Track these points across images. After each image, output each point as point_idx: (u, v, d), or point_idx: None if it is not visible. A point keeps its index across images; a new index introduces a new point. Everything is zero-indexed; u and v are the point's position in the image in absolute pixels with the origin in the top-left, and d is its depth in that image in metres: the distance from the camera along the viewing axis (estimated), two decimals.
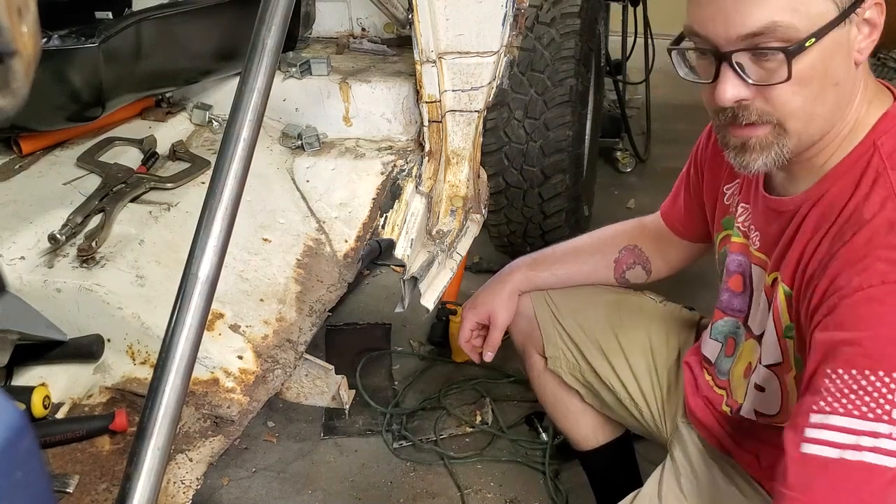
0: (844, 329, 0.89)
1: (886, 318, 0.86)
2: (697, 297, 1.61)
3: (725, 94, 0.93)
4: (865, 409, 0.85)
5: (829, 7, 0.88)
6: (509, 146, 2.46)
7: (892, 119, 0.98)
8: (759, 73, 0.92)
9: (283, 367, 1.33)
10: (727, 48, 0.92)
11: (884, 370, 0.85)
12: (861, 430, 0.85)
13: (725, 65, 0.92)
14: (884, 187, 0.93)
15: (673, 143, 3.77)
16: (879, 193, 0.93)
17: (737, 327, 1.25)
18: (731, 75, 0.92)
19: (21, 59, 0.47)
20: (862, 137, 0.98)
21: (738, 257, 1.21)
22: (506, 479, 1.99)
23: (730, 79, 0.93)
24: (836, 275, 0.91)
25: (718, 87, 0.93)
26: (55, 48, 1.32)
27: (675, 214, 1.44)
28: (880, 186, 0.93)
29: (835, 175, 0.99)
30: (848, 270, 0.90)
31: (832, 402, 0.87)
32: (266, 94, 1.04)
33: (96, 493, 1.11)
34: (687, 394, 1.36)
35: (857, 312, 0.88)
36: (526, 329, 1.55)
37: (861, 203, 0.94)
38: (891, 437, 0.84)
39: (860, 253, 0.90)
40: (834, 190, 0.98)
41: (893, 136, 0.97)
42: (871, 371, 0.85)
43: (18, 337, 1.19)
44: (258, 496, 1.95)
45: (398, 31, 2.03)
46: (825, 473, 0.87)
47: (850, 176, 0.97)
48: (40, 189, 1.52)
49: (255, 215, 1.54)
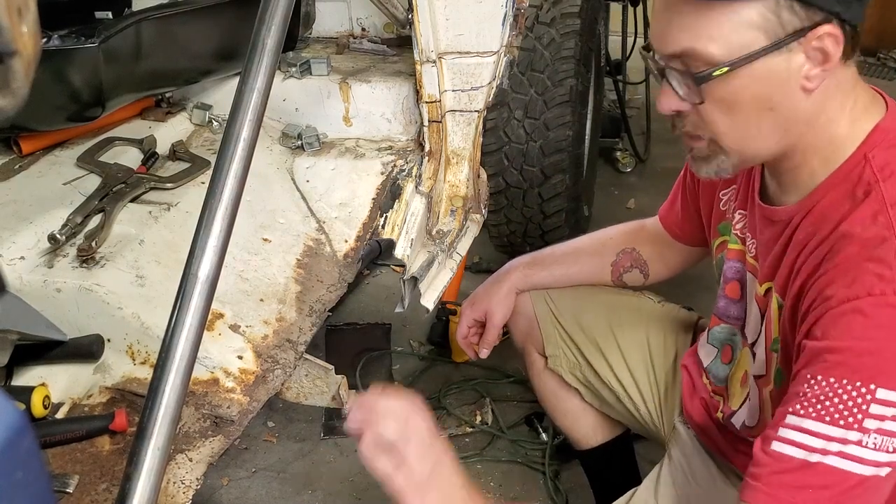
0: (828, 338, 0.91)
1: (869, 331, 0.88)
2: (695, 299, 1.61)
3: (662, 104, 0.99)
4: (838, 417, 0.88)
5: (755, 37, 0.90)
6: (509, 146, 2.46)
7: (882, 132, 0.98)
8: (685, 91, 0.97)
9: (283, 367, 1.33)
10: (661, 63, 0.97)
11: (861, 380, 0.87)
12: (831, 436, 0.88)
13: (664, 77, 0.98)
14: (875, 200, 0.94)
15: (673, 143, 3.76)
16: (871, 206, 0.94)
17: (733, 334, 1.25)
18: (668, 87, 0.98)
19: (21, 59, 0.47)
20: (853, 150, 0.99)
21: (735, 264, 1.21)
22: (506, 480, 1.99)
23: (667, 90, 0.98)
24: (825, 286, 0.93)
25: (659, 96, 1.00)
26: (55, 48, 1.32)
27: (672, 218, 1.45)
28: (872, 200, 0.94)
29: (825, 187, 1.00)
30: (837, 282, 0.92)
31: (808, 407, 0.90)
32: (266, 94, 1.04)
33: (96, 493, 1.11)
34: (684, 395, 1.36)
35: (841, 323, 0.90)
36: (526, 328, 1.55)
37: (852, 216, 0.95)
38: (859, 444, 0.87)
39: (850, 265, 0.92)
40: (825, 202, 0.99)
41: (884, 148, 0.97)
42: (849, 381, 0.88)
43: (18, 337, 1.19)
44: (258, 496, 1.95)
45: (398, 31, 2.03)
46: (791, 472, 0.90)
47: (841, 188, 0.98)
48: (40, 189, 1.52)
49: (255, 215, 1.54)
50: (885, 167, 0.96)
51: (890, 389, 0.87)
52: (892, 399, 0.87)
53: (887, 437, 0.87)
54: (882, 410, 0.87)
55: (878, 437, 0.87)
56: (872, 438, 0.87)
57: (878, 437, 0.87)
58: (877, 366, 0.87)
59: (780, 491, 0.90)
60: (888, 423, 0.87)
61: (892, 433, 0.87)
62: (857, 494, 0.88)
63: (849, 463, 0.88)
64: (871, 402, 0.87)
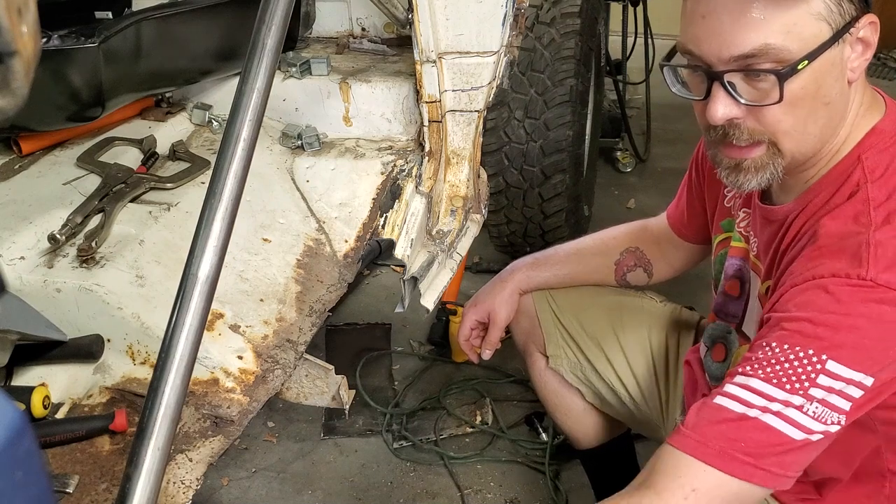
0: (787, 309, 0.93)
1: (829, 306, 0.90)
2: (697, 299, 1.61)
3: (717, 113, 0.94)
4: (786, 381, 0.90)
5: (822, 28, 0.89)
6: (509, 146, 2.46)
7: (878, 134, 0.99)
8: (750, 94, 0.94)
9: (283, 367, 1.33)
10: (720, 68, 0.93)
11: (814, 350, 0.89)
12: (774, 397, 0.90)
13: (717, 84, 0.94)
14: (860, 200, 0.95)
15: (673, 143, 3.78)
16: (854, 206, 0.95)
17: (727, 332, 1.25)
18: (722, 94, 0.94)
19: (21, 59, 0.47)
20: (849, 151, 0.99)
21: (737, 262, 1.21)
22: (506, 480, 1.99)
23: (721, 98, 0.94)
24: (794, 271, 0.95)
25: (710, 106, 0.95)
26: (55, 48, 1.32)
27: (678, 216, 1.45)
28: (856, 200, 0.95)
29: (818, 187, 1.01)
30: (805, 264, 0.94)
31: (757, 369, 0.92)
32: (266, 94, 1.04)
33: (96, 494, 1.11)
34: (686, 393, 1.36)
35: (803, 296, 0.92)
36: (527, 328, 1.55)
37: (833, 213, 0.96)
38: (800, 409, 0.89)
39: (820, 252, 0.93)
40: (816, 201, 1.00)
41: (878, 150, 0.98)
42: (802, 349, 0.89)
43: (18, 337, 1.19)
44: (258, 496, 1.95)
45: (398, 31, 2.03)
46: (726, 423, 0.92)
47: (832, 188, 0.99)
48: (40, 189, 1.52)
49: (255, 215, 1.54)
50: (875, 169, 0.96)
51: (840, 364, 0.88)
52: (840, 374, 0.88)
53: (829, 409, 0.89)
54: (829, 382, 0.88)
55: (820, 408, 0.89)
56: (814, 407, 0.89)
57: (820, 408, 0.89)
58: (832, 339, 0.89)
59: (713, 440, 0.92)
60: (833, 398, 0.89)
61: (834, 407, 0.89)
62: (782, 451, 0.90)
63: (784, 424, 0.89)
64: (821, 372, 0.88)
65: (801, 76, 0.90)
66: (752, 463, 0.90)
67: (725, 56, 0.92)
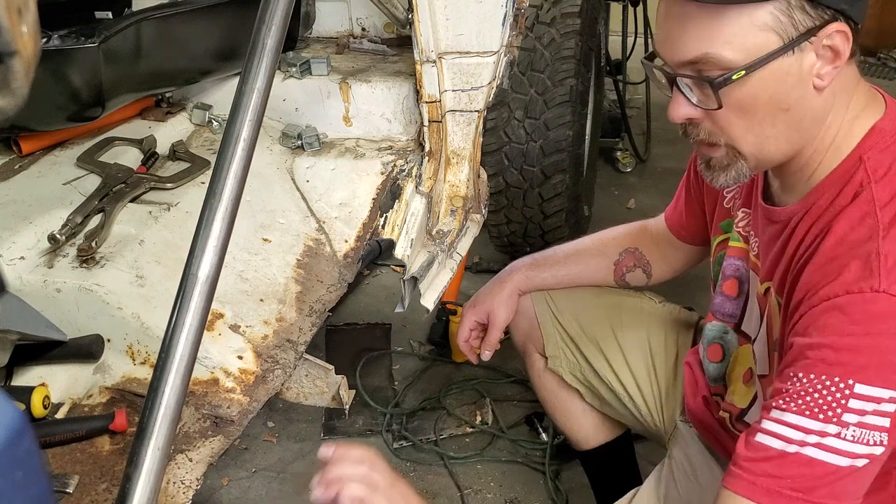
0: (809, 335, 0.94)
1: (846, 328, 0.91)
2: (696, 299, 1.61)
3: (674, 112, 0.99)
4: (818, 411, 0.91)
5: (770, 38, 0.90)
6: (509, 146, 2.46)
7: (879, 133, 0.99)
8: (699, 97, 0.97)
9: (283, 367, 1.33)
10: (673, 71, 0.97)
11: (839, 376, 0.90)
12: (810, 429, 0.92)
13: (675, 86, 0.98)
14: (865, 201, 0.95)
15: (673, 143, 3.77)
16: (860, 208, 0.95)
17: (724, 332, 1.25)
18: (679, 95, 0.98)
19: (21, 59, 0.47)
20: (849, 151, 1.00)
21: (736, 262, 1.21)
22: (506, 480, 1.99)
23: (678, 98, 0.98)
24: (809, 284, 0.96)
25: (670, 105, 1.00)
26: (55, 48, 1.32)
27: (676, 217, 1.45)
28: (862, 201, 0.96)
29: (822, 188, 1.01)
30: (819, 280, 0.95)
31: (789, 402, 0.93)
32: (266, 94, 1.04)
33: (96, 493, 1.11)
34: (686, 394, 1.36)
35: (821, 320, 0.93)
36: (526, 328, 1.55)
37: (841, 216, 0.97)
38: (838, 436, 0.91)
39: (833, 264, 0.94)
40: (821, 202, 1.01)
41: (880, 150, 0.98)
42: (828, 377, 0.91)
43: (18, 337, 1.19)
44: (258, 496, 1.95)
45: (398, 31, 2.03)
46: (770, 461, 0.94)
47: (836, 189, 1.00)
48: (40, 189, 1.52)
49: (255, 215, 1.54)
50: (878, 169, 0.97)
51: (867, 384, 0.89)
52: (870, 394, 0.89)
53: (868, 430, 0.90)
54: (861, 405, 0.90)
55: (858, 431, 0.90)
56: (851, 431, 0.90)
57: (858, 431, 0.90)
58: (854, 362, 0.90)
59: (760, 478, 0.94)
60: (869, 418, 0.90)
61: (873, 427, 0.90)
62: (830, 482, 0.92)
63: (826, 454, 0.91)
64: (850, 396, 0.90)
65: (745, 84, 0.93)
66: (801, 498, 0.92)
67: (676, 60, 0.96)
